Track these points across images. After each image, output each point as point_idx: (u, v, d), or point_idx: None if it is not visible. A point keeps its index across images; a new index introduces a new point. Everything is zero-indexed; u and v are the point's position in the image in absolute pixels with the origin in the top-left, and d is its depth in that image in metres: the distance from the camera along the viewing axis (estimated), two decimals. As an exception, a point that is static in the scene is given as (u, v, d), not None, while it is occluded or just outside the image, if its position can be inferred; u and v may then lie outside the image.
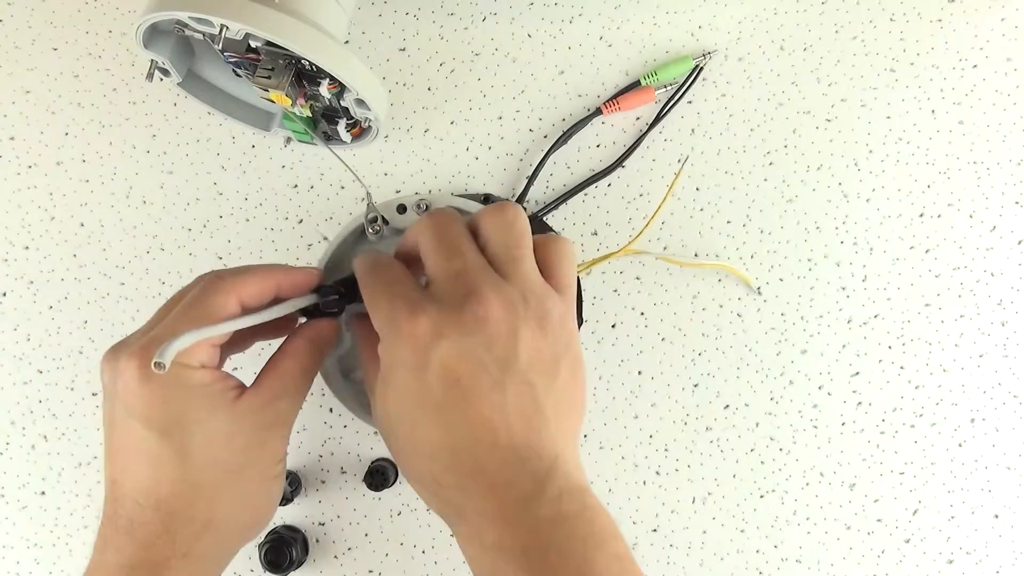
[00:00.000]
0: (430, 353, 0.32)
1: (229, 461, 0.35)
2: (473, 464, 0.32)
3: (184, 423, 0.34)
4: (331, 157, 0.51)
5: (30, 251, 0.51)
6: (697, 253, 0.50)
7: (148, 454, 0.34)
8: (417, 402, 0.33)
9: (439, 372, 0.32)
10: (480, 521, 0.32)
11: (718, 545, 0.49)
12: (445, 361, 0.32)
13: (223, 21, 0.38)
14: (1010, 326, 0.49)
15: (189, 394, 0.34)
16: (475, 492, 0.32)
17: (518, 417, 0.33)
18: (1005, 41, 0.50)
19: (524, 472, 0.32)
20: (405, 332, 0.32)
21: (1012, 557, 0.49)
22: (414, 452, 0.34)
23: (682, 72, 0.50)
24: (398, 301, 0.33)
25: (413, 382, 0.33)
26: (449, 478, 0.33)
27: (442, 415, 0.32)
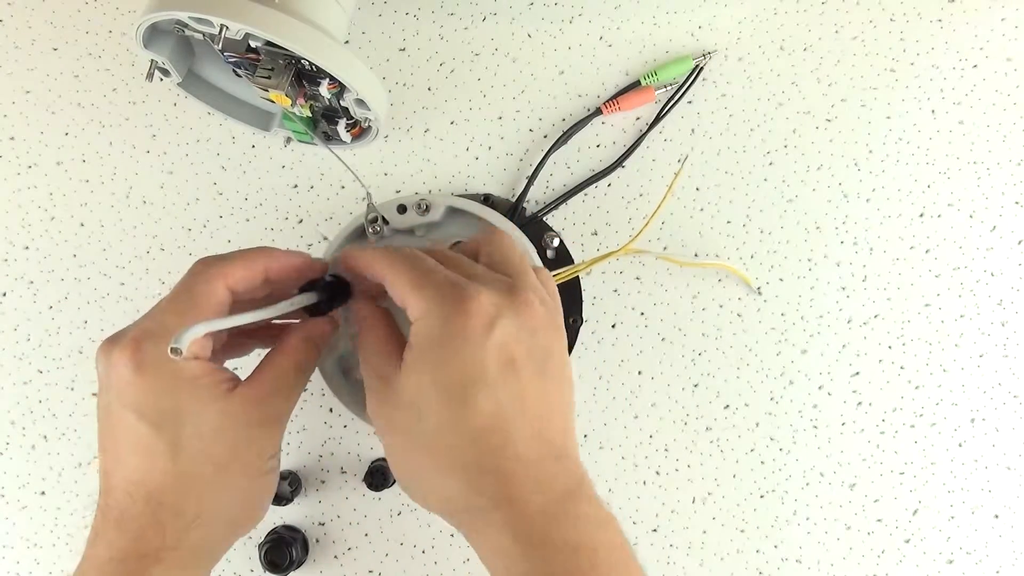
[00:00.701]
0: (491, 331, 0.32)
1: (219, 454, 0.35)
2: (516, 446, 0.33)
3: (176, 415, 0.34)
4: (331, 157, 0.51)
5: (30, 251, 0.51)
6: (697, 253, 0.50)
7: (139, 445, 0.34)
8: (474, 376, 0.32)
9: (496, 350, 0.32)
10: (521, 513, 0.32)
11: (718, 545, 0.49)
12: (503, 341, 0.33)
13: (223, 21, 0.38)
14: (1010, 326, 0.49)
15: (181, 386, 0.34)
16: (516, 478, 0.32)
17: (555, 413, 0.34)
18: (1005, 41, 0.50)
19: (562, 471, 0.33)
20: (468, 307, 0.32)
21: (1012, 557, 0.49)
22: (458, 429, 0.33)
23: (682, 72, 0.50)
24: (453, 279, 0.34)
25: (471, 355, 0.32)
26: (492, 462, 0.32)
27: (496, 392, 0.32)
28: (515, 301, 0.34)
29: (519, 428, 0.33)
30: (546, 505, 0.32)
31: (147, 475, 0.34)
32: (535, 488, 0.32)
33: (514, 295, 0.34)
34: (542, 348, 0.34)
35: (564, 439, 0.34)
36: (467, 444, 0.33)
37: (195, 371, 0.35)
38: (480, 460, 0.33)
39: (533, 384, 0.33)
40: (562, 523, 0.32)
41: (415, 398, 0.33)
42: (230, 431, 0.35)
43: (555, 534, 0.32)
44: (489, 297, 0.33)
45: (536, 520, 0.32)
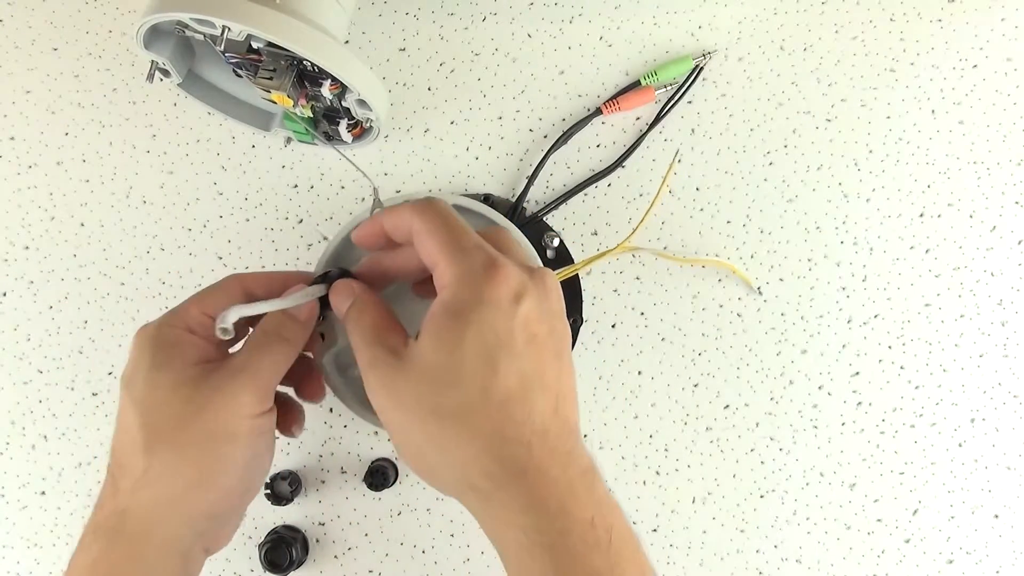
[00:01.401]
0: (518, 304, 0.33)
1: (174, 407, 0.35)
2: (542, 418, 0.33)
3: (141, 373, 0.35)
4: (331, 157, 0.51)
5: (30, 251, 0.51)
6: (697, 253, 0.50)
7: (119, 410, 0.36)
8: (501, 344, 0.32)
9: (522, 324, 0.33)
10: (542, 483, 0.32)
11: (718, 545, 0.49)
12: (528, 316, 0.33)
13: (225, 22, 0.38)
14: (1010, 326, 0.49)
15: (156, 349, 0.36)
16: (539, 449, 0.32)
17: (569, 393, 0.34)
18: (1005, 41, 0.50)
19: (579, 448, 0.34)
20: (499, 277, 0.33)
21: (1012, 557, 0.49)
22: (488, 397, 0.32)
23: (682, 72, 0.50)
24: (486, 248, 0.34)
25: (500, 324, 0.32)
26: (513, 431, 0.32)
27: (520, 363, 0.33)
28: (537, 282, 0.34)
29: (541, 401, 0.33)
30: (565, 478, 0.32)
31: (115, 436, 0.36)
32: (555, 461, 0.32)
33: (536, 276, 0.34)
34: (559, 332, 0.35)
35: (577, 420, 0.35)
36: (493, 410, 0.32)
37: (178, 338, 0.36)
38: (503, 428, 0.32)
39: (552, 363, 0.34)
40: (580, 497, 0.32)
41: (440, 364, 0.33)
42: (186, 388, 0.35)
43: (573, 507, 0.32)
44: (517, 272, 0.33)
45: (555, 491, 0.32)
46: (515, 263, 0.34)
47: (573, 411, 0.35)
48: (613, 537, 0.32)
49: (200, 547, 0.38)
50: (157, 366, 0.35)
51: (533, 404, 0.33)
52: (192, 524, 0.36)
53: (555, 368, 0.34)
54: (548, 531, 0.32)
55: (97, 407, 0.51)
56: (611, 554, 0.32)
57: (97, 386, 0.51)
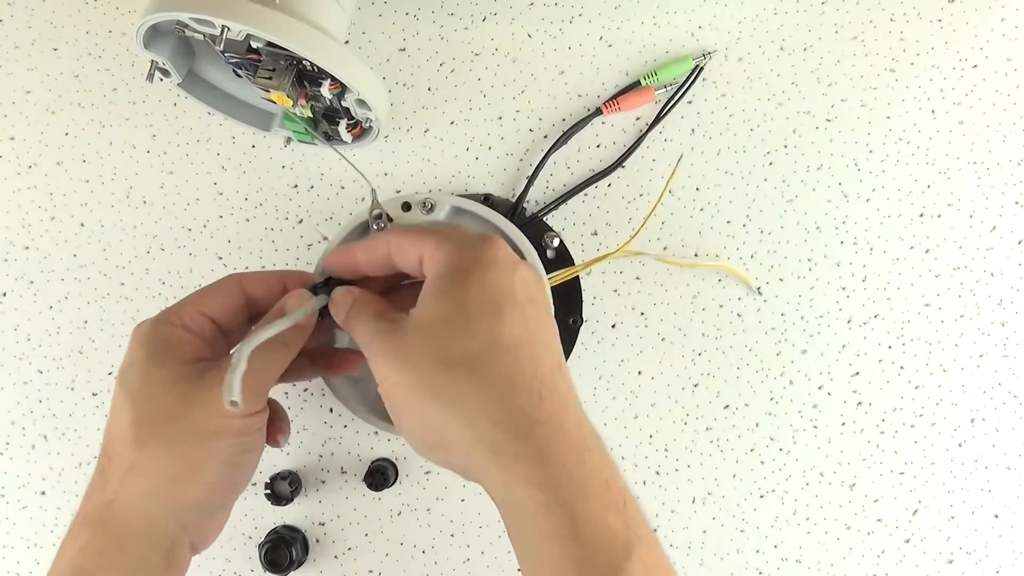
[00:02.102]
0: (515, 269, 0.35)
1: (166, 401, 0.35)
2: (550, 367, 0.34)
3: (135, 367, 0.36)
4: (331, 157, 0.51)
5: (30, 251, 0.51)
6: (697, 253, 0.50)
7: (112, 403, 0.36)
8: (504, 296, 0.34)
9: (522, 284, 0.35)
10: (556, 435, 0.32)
11: (718, 545, 0.49)
12: (525, 279, 0.35)
13: (224, 22, 0.38)
14: (1010, 326, 0.49)
15: (152, 345, 0.36)
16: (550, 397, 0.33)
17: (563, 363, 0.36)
18: (1005, 41, 0.50)
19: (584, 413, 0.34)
20: (491, 247, 0.35)
21: (1012, 557, 0.49)
22: (496, 344, 0.33)
23: (682, 72, 0.50)
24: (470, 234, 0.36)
25: (503, 279, 0.34)
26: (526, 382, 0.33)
27: (524, 313, 0.34)
28: (524, 262, 0.36)
29: (547, 356, 0.34)
30: (580, 434, 0.33)
31: (107, 431, 0.36)
32: (567, 417, 0.33)
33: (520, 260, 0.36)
34: (551, 305, 0.38)
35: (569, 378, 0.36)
36: (503, 355, 0.32)
37: (174, 335, 0.37)
38: (514, 376, 0.32)
39: (550, 329, 0.36)
40: (595, 455, 0.33)
41: (446, 315, 0.33)
42: (180, 384, 0.35)
43: (591, 464, 0.32)
44: (505, 247, 0.36)
45: (571, 446, 0.32)
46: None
47: (568, 374, 0.36)
48: (628, 501, 0.33)
49: (186, 541, 0.37)
50: (152, 362, 0.36)
51: (541, 356, 0.33)
52: (177, 516, 0.36)
53: (552, 332, 0.36)
54: (568, 486, 0.31)
55: (97, 407, 0.51)
56: (627, 516, 0.32)
57: (97, 386, 0.51)
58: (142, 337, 0.37)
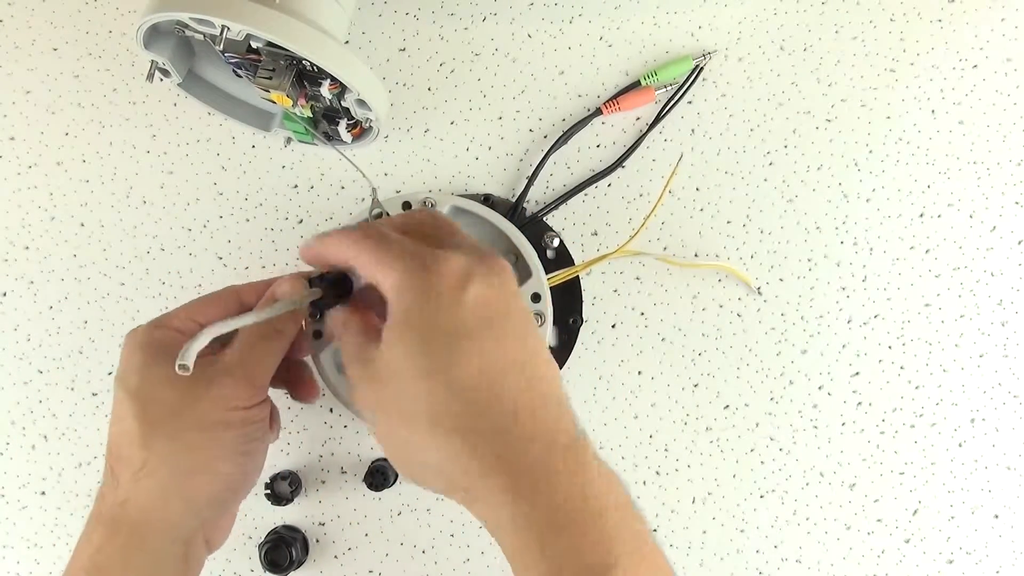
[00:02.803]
0: (465, 289, 0.33)
1: (169, 399, 0.36)
2: (512, 398, 0.32)
3: (135, 369, 0.36)
4: (331, 157, 0.51)
5: (30, 251, 0.51)
6: (697, 253, 0.50)
7: (113, 406, 0.37)
8: (458, 330, 0.32)
9: (473, 306, 0.32)
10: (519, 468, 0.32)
11: (718, 545, 0.49)
12: (478, 298, 0.33)
13: (224, 22, 0.38)
14: (1010, 326, 0.49)
15: (150, 348, 0.37)
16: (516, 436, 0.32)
17: (544, 364, 0.34)
18: (1005, 41, 0.50)
19: (561, 420, 0.33)
20: (440, 268, 0.33)
21: (1012, 557, 0.49)
22: (452, 384, 0.32)
23: (682, 72, 0.50)
24: (421, 247, 0.34)
25: (451, 312, 0.32)
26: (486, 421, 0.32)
27: (480, 344, 0.32)
28: (486, 260, 0.34)
29: (508, 381, 0.32)
30: (548, 455, 0.32)
31: (110, 429, 0.36)
32: (535, 439, 0.32)
33: (484, 256, 0.34)
34: (517, 310, 0.34)
35: (559, 391, 0.34)
36: (459, 404, 0.32)
37: (170, 339, 0.37)
38: (474, 422, 0.32)
39: (515, 341, 0.33)
40: (566, 473, 0.32)
41: (401, 366, 0.33)
42: (181, 381, 0.35)
43: (559, 484, 0.32)
44: (459, 258, 0.33)
45: (539, 470, 0.32)
46: (455, 250, 0.34)
47: (551, 384, 0.34)
48: (609, 508, 0.32)
49: (201, 537, 0.38)
50: (150, 363, 0.36)
51: (501, 387, 0.32)
52: (193, 510, 0.37)
53: (519, 346, 0.33)
54: (538, 511, 0.31)
55: (97, 407, 0.51)
56: (607, 528, 0.31)
57: (97, 386, 0.51)
58: (138, 341, 0.37)
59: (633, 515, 0.33)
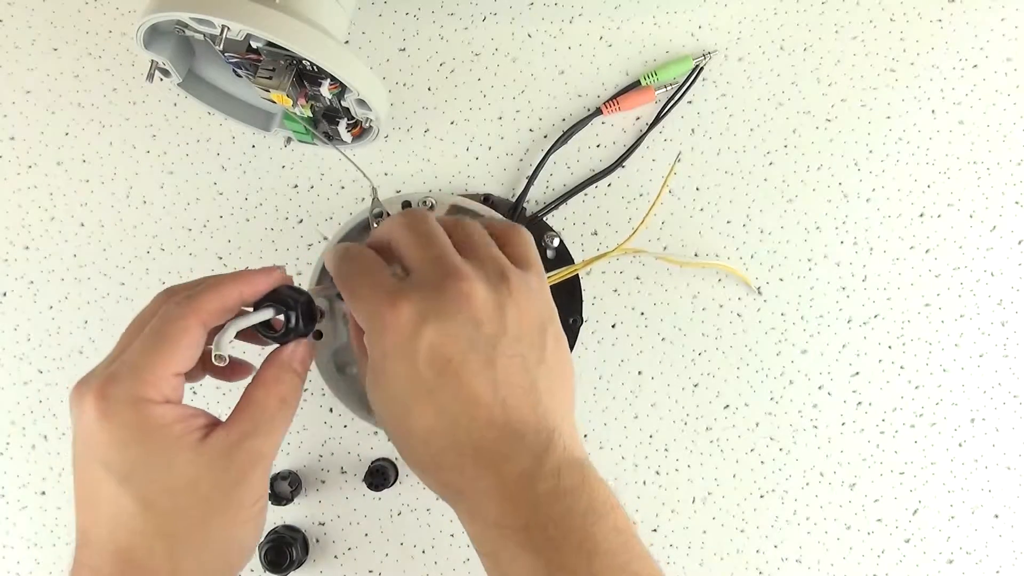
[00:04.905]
0: (416, 339, 0.31)
1: (194, 508, 0.32)
2: (470, 443, 0.32)
3: (144, 467, 0.31)
4: (331, 157, 0.51)
5: (30, 251, 0.51)
6: (697, 253, 0.50)
7: (108, 500, 0.32)
8: (409, 389, 0.32)
9: (428, 356, 0.32)
10: (480, 499, 0.32)
11: (718, 545, 0.49)
12: (433, 344, 0.31)
13: (224, 22, 0.38)
14: (1010, 326, 0.49)
15: (150, 435, 0.31)
16: (474, 471, 0.32)
17: (511, 392, 0.32)
18: (1005, 41, 0.50)
19: (522, 447, 0.32)
20: (389, 322, 0.32)
21: (1012, 557, 0.49)
22: (411, 437, 0.33)
23: (682, 72, 0.50)
24: (378, 291, 0.33)
25: (403, 369, 0.32)
26: (447, 459, 0.32)
27: (435, 398, 0.32)
28: (445, 297, 0.32)
29: (473, 420, 0.32)
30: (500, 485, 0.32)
31: (115, 532, 0.32)
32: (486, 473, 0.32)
33: (447, 288, 0.32)
34: (486, 336, 0.32)
35: (535, 416, 0.33)
36: (419, 446, 0.33)
37: (166, 417, 0.32)
38: (435, 461, 0.33)
39: (481, 375, 0.32)
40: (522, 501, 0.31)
41: (379, 407, 0.34)
42: (204, 483, 0.32)
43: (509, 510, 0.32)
44: (411, 305, 0.32)
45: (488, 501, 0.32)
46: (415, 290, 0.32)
47: (518, 406, 0.32)
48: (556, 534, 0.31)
49: None
50: (159, 460, 0.32)
51: (457, 431, 0.32)
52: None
53: (486, 377, 0.32)
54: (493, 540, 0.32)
55: (97, 407, 0.51)
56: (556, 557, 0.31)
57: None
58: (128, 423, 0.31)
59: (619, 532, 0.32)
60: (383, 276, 0.33)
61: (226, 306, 0.34)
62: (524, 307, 0.34)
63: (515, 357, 0.33)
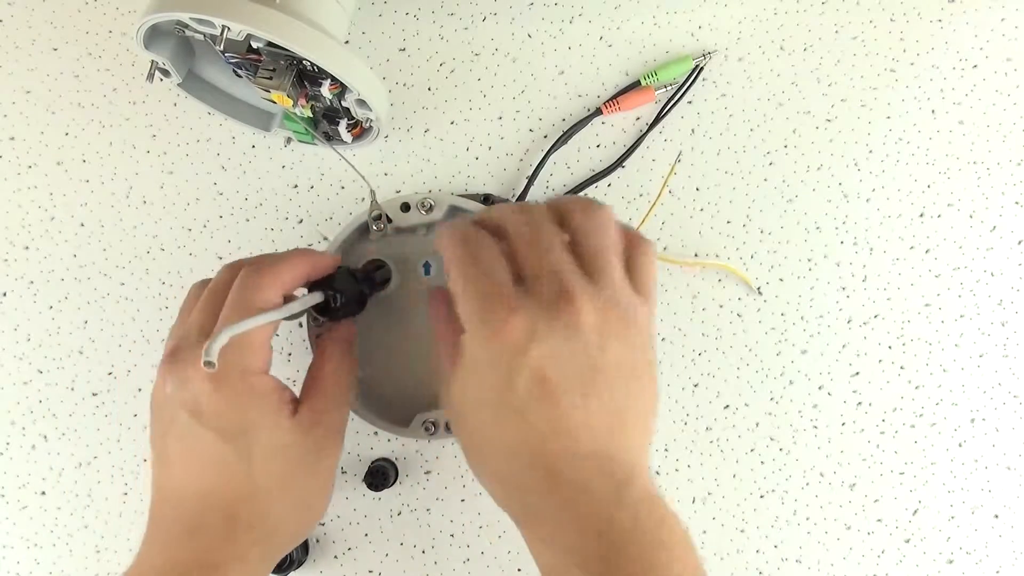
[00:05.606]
0: (522, 355, 0.31)
1: (290, 472, 0.37)
2: (553, 468, 0.32)
3: (251, 430, 0.35)
4: (331, 157, 0.51)
5: (30, 251, 0.51)
6: (697, 253, 0.50)
7: (217, 461, 0.35)
8: (500, 401, 0.32)
9: (528, 375, 0.31)
10: (556, 526, 0.32)
11: (718, 545, 0.49)
12: (537, 365, 0.31)
13: (225, 22, 0.38)
14: (1010, 326, 0.49)
15: (256, 402, 0.36)
16: (553, 496, 0.32)
17: (602, 425, 0.32)
18: (1005, 41, 0.50)
19: (604, 480, 0.32)
20: (498, 330, 0.31)
21: (1012, 557, 0.49)
22: (490, 449, 0.33)
23: (682, 72, 0.50)
24: (495, 296, 0.32)
25: (499, 380, 0.32)
26: (526, 479, 0.32)
27: (525, 417, 0.32)
28: (557, 319, 0.31)
29: (553, 449, 0.32)
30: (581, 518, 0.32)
31: (224, 489, 0.35)
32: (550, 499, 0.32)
33: (560, 310, 0.31)
34: (588, 366, 0.32)
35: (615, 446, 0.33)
36: (498, 460, 0.33)
37: (267, 386, 0.36)
38: (514, 477, 0.33)
39: (575, 403, 0.32)
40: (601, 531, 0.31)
41: (460, 407, 0.34)
42: (295, 450, 0.36)
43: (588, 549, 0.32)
44: (525, 320, 0.31)
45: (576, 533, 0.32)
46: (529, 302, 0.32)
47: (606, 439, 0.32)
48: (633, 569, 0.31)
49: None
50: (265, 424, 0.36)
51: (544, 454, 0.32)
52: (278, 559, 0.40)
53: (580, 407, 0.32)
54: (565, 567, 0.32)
55: (97, 407, 0.51)
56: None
57: (97, 386, 0.51)
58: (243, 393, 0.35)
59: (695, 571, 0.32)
60: (504, 278, 0.32)
61: (297, 279, 0.38)
62: (630, 341, 0.33)
63: (611, 390, 0.33)
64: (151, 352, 0.51)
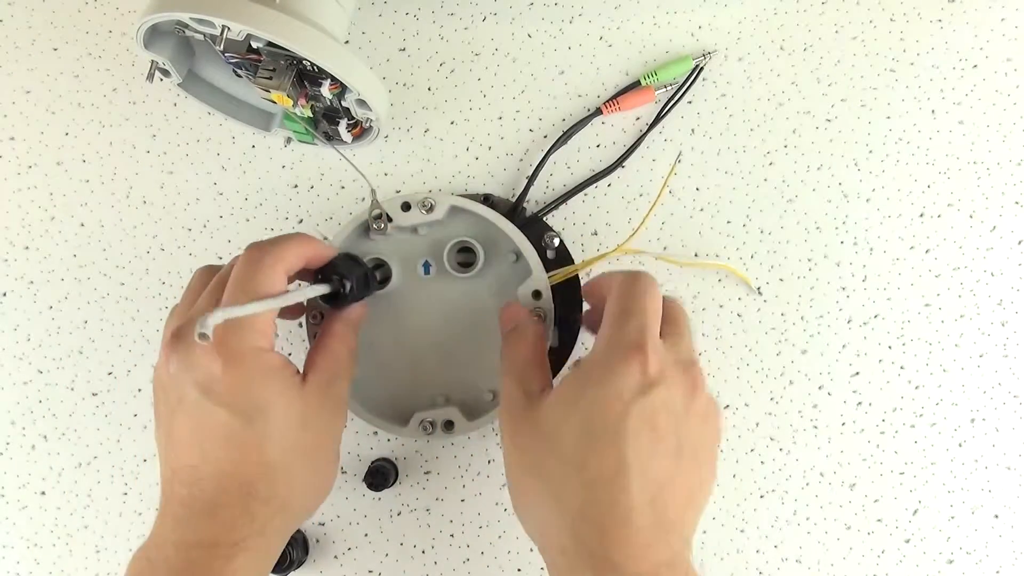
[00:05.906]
0: (645, 394, 0.33)
1: (303, 443, 0.37)
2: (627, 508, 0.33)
3: (264, 407, 0.35)
4: (331, 157, 0.51)
5: (30, 251, 0.51)
6: (697, 253, 0.50)
7: (231, 439, 0.35)
8: (608, 428, 0.33)
9: (642, 411, 0.33)
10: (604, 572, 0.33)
11: (718, 545, 0.49)
12: (653, 407, 0.33)
13: (225, 22, 0.38)
14: (1010, 326, 0.49)
15: (267, 379, 0.36)
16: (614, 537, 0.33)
17: (679, 491, 0.34)
18: (1005, 41, 0.50)
19: (663, 544, 0.33)
20: (636, 360, 0.34)
21: (1012, 557, 0.49)
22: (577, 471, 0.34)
23: (682, 72, 0.50)
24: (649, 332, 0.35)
25: (608, 406, 0.33)
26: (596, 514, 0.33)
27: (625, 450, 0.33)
28: (684, 377, 0.35)
29: (635, 491, 0.33)
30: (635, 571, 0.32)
31: (240, 467, 0.35)
32: (630, 553, 0.32)
33: (687, 373, 0.35)
34: (692, 432, 0.35)
35: (682, 518, 0.35)
36: (580, 487, 0.33)
37: (276, 362, 0.36)
38: (585, 508, 0.33)
39: (665, 458, 0.34)
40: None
41: (554, 428, 0.35)
42: (312, 420, 0.37)
43: None
44: (661, 366, 0.34)
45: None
46: (670, 352, 0.35)
47: (678, 507, 0.34)
48: None
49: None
50: (279, 400, 0.36)
51: (623, 492, 0.33)
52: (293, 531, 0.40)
53: (667, 464, 0.34)
54: None
55: (97, 407, 0.51)
56: None
57: (97, 386, 0.51)
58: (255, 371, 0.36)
59: None
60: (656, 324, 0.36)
61: (300, 262, 0.38)
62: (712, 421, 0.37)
63: (693, 461, 0.35)
64: (151, 352, 0.51)
